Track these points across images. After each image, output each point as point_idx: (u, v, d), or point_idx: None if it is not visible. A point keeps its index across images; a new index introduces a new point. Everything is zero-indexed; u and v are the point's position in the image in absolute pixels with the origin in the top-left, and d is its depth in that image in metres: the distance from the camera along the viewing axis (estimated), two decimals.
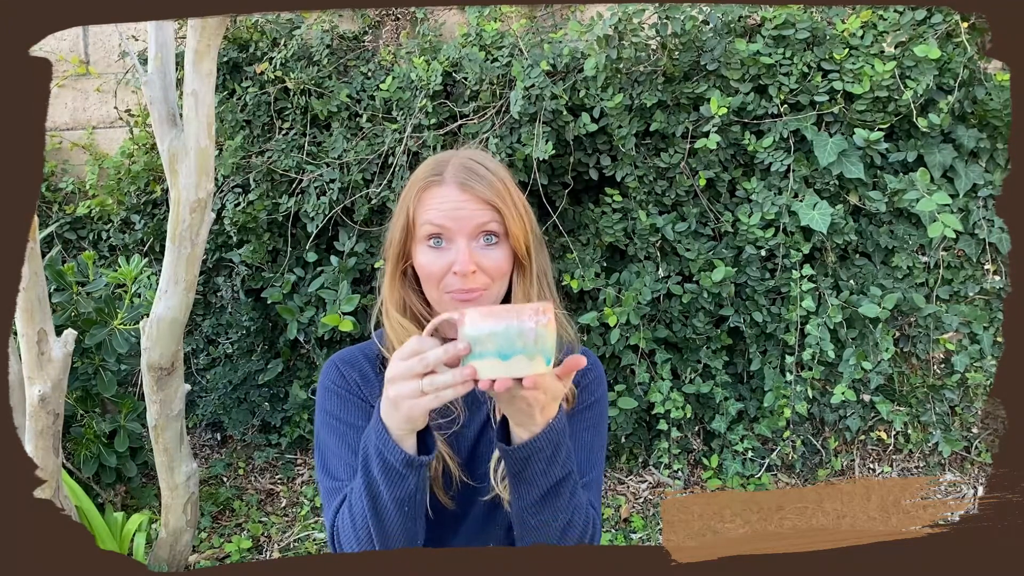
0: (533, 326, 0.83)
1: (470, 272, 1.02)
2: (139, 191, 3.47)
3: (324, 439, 1.11)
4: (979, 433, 2.99)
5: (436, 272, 1.04)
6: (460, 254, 1.02)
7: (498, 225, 1.06)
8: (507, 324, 0.82)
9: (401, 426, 0.90)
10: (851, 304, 2.73)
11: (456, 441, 1.11)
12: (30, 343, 1.89)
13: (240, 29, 3.22)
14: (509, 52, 2.82)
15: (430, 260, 1.05)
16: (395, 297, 1.11)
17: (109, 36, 3.63)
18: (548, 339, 0.84)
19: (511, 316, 0.83)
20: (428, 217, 1.05)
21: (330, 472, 1.08)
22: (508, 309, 0.86)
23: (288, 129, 3.16)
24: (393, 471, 0.92)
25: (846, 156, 2.65)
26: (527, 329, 0.82)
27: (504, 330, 0.82)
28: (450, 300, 1.05)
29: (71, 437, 2.71)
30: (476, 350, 0.83)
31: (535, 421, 0.91)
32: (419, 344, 0.87)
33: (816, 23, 2.69)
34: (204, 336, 3.43)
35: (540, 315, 0.84)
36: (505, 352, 0.82)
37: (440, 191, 1.05)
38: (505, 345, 0.82)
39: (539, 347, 0.83)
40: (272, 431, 3.34)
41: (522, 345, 0.82)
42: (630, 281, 2.83)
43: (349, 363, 1.14)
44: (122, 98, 3.61)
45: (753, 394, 2.98)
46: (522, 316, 0.83)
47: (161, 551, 2.47)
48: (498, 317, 0.83)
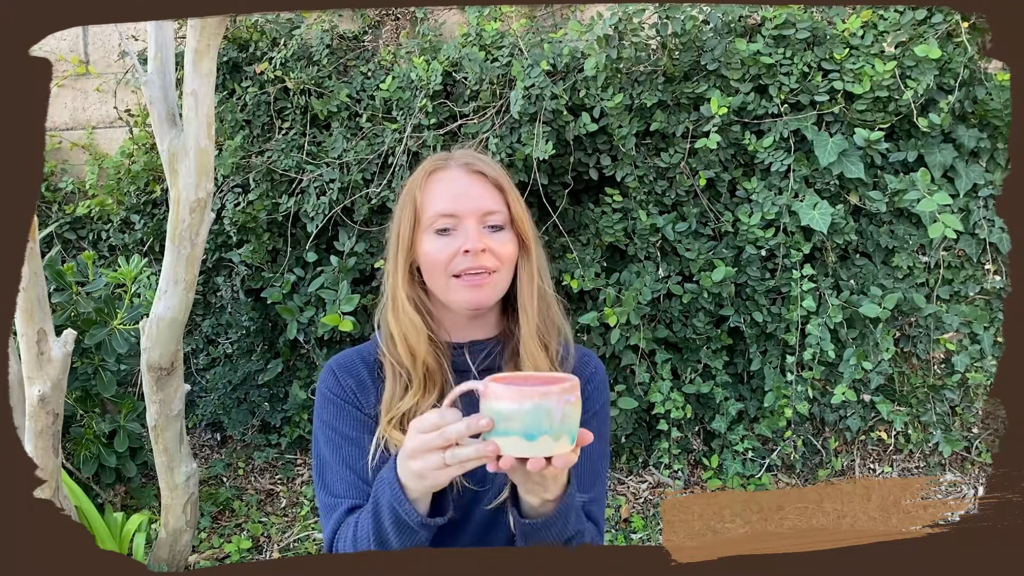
0: (561, 406, 0.81)
1: (480, 250, 1.04)
2: (139, 191, 3.46)
3: (321, 450, 1.12)
4: (979, 433, 2.99)
5: (444, 258, 1.05)
6: (469, 236, 1.04)
7: (503, 212, 1.08)
8: (534, 404, 0.80)
9: (421, 491, 0.92)
10: (851, 304, 2.72)
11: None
12: (30, 343, 1.89)
13: (240, 29, 3.22)
14: (509, 52, 2.82)
15: (438, 247, 1.06)
16: (406, 292, 1.11)
17: (109, 36, 3.63)
18: (574, 418, 0.83)
19: (537, 394, 0.81)
20: (436, 206, 1.06)
21: (327, 487, 1.09)
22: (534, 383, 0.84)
23: (288, 129, 3.15)
24: (406, 528, 0.94)
25: (846, 156, 2.65)
26: (554, 410, 0.80)
27: (532, 410, 0.80)
28: (458, 284, 1.06)
29: (71, 437, 2.70)
30: (500, 427, 0.81)
31: (548, 491, 0.92)
32: (440, 418, 0.86)
33: (816, 23, 2.69)
34: (204, 336, 3.43)
35: (568, 394, 0.82)
36: (531, 432, 0.80)
37: (446, 174, 1.08)
38: (532, 425, 0.80)
39: (565, 427, 0.81)
40: (272, 431, 3.34)
41: (548, 426, 0.80)
42: (630, 281, 2.83)
43: (346, 369, 1.14)
44: (122, 98, 3.61)
45: (753, 394, 2.98)
46: (549, 396, 0.80)
47: (161, 551, 2.46)
48: (524, 396, 0.81)
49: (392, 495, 0.93)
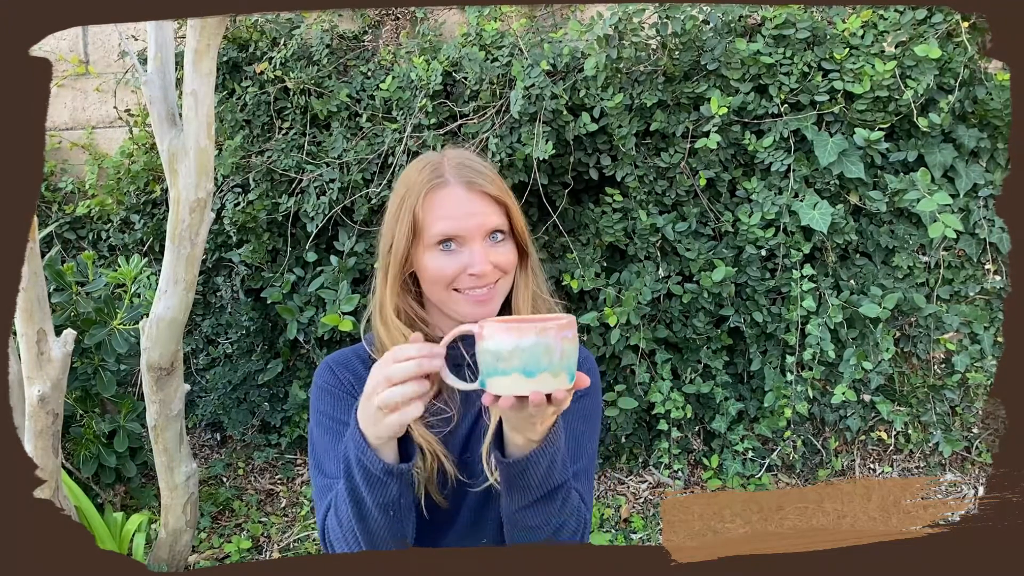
0: (560, 343, 0.81)
1: (488, 273, 1.04)
2: (139, 191, 3.46)
3: (317, 438, 1.11)
4: (980, 433, 2.99)
5: (448, 275, 1.05)
6: (476, 256, 1.03)
7: (506, 222, 1.08)
8: (534, 340, 0.79)
9: (380, 436, 0.89)
10: (851, 304, 2.72)
11: (449, 439, 1.11)
12: (29, 343, 1.89)
13: (240, 29, 3.22)
14: (509, 52, 2.82)
15: (441, 264, 1.05)
16: (395, 303, 1.11)
17: (109, 36, 3.63)
18: (573, 355, 0.83)
19: (536, 330, 0.80)
20: (440, 227, 1.04)
21: (323, 470, 1.08)
22: (531, 322, 0.84)
23: (288, 129, 3.15)
24: (374, 479, 0.91)
25: (846, 156, 2.65)
26: (554, 345, 0.80)
27: (532, 346, 0.79)
28: (464, 300, 1.06)
29: (70, 437, 2.70)
30: (500, 366, 0.81)
31: (536, 431, 0.91)
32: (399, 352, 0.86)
33: (816, 23, 2.69)
34: (204, 336, 3.42)
35: (566, 330, 0.81)
36: (531, 369, 0.80)
37: (448, 192, 1.06)
38: (531, 362, 0.80)
39: (564, 363, 0.81)
40: (272, 431, 3.34)
41: (548, 362, 0.80)
42: (630, 281, 2.83)
43: (342, 364, 1.15)
44: (122, 98, 3.61)
45: (753, 394, 2.98)
46: (547, 332, 0.80)
47: (161, 551, 2.46)
48: (523, 332, 0.80)
49: (356, 447, 0.91)
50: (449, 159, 1.10)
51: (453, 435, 1.11)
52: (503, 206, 1.07)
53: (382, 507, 0.93)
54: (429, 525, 1.08)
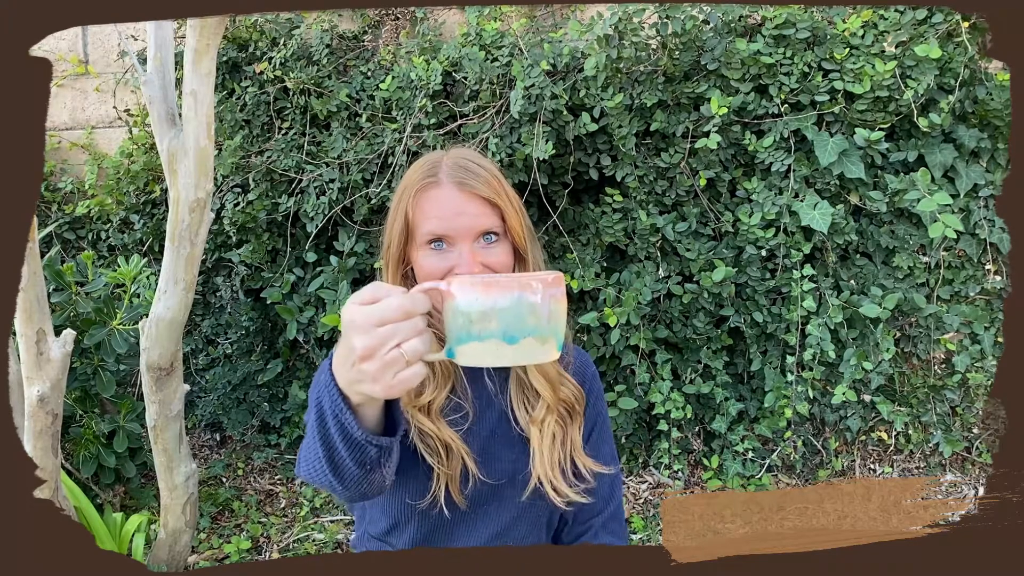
0: (547, 301, 0.67)
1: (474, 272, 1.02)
2: (138, 191, 3.46)
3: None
4: (980, 433, 2.99)
5: (437, 275, 1.03)
6: (464, 257, 1.01)
7: (499, 224, 1.06)
8: (516, 298, 0.65)
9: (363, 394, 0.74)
10: (852, 304, 2.72)
11: (468, 438, 1.09)
12: (29, 343, 1.89)
13: (239, 28, 3.22)
14: (509, 52, 2.81)
15: (432, 263, 1.04)
16: None
17: (108, 35, 3.62)
18: (561, 317, 0.69)
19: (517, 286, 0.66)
20: (429, 226, 1.03)
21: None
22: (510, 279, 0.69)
23: (287, 129, 3.15)
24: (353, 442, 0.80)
25: (847, 156, 2.65)
26: (539, 304, 0.66)
27: (513, 305, 0.65)
28: None
29: (70, 437, 2.70)
30: (474, 330, 0.66)
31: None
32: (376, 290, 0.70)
33: (816, 23, 2.69)
34: (203, 336, 3.42)
35: (552, 286, 0.68)
36: (512, 334, 0.66)
37: (438, 192, 1.04)
38: (513, 324, 0.65)
39: (552, 326, 0.67)
40: (271, 431, 3.34)
41: (534, 324, 0.66)
42: (630, 281, 2.83)
43: None
44: (121, 98, 3.61)
45: (753, 394, 2.98)
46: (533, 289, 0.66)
47: (160, 552, 2.46)
48: (503, 288, 0.66)
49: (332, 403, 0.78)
50: (449, 158, 1.08)
51: (471, 434, 1.10)
52: (497, 208, 1.05)
53: (359, 463, 0.82)
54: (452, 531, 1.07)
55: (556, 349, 0.68)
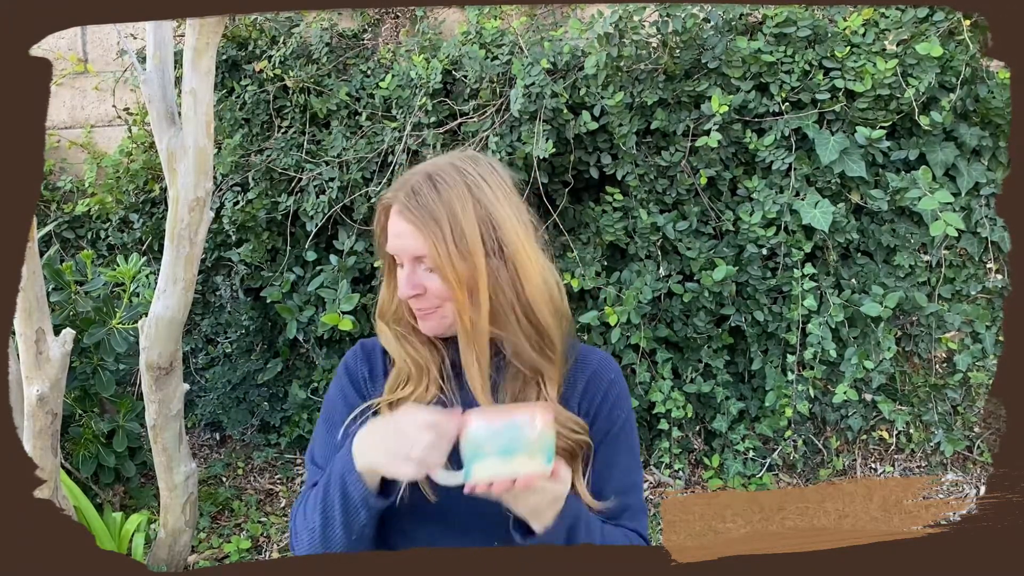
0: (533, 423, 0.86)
1: (409, 297, 1.05)
2: (138, 190, 3.46)
3: (319, 422, 1.15)
4: (981, 433, 2.99)
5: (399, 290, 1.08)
6: (402, 278, 1.05)
7: (430, 257, 1.00)
8: (508, 422, 0.86)
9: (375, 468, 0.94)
10: (853, 303, 2.72)
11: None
12: (28, 343, 1.89)
13: (239, 27, 3.22)
14: (509, 50, 2.81)
15: (397, 280, 1.08)
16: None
17: (107, 34, 3.62)
18: (549, 438, 0.88)
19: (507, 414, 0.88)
20: (386, 244, 1.07)
21: (314, 458, 1.13)
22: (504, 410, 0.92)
23: (287, 127, 3.15)
24: (351, 503, 0.96)
25: (848, 154, 2.64)
26: (526, 427, 0.86)
27: (505, 429, 0.86)
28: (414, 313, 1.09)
29: (69, 437, 2.70)
30: (479, 452, 0.87)
31: (545, 517, 0.95)
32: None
33: (818, 21, 2.68)
34: (203, 335, 3.42)
35: (536, 419, 0.87)
36: (507, 451, 0.85)
37: (392, 213, 1.06)
38: (507, 444, 0.85)
39: (540, 445, 0.86)
40: (271, 431, 3.34)
41: (524, 444, 0.86)
42: (631, 280, 2.83)
43: (367, 354, 1.17)
44: (120, 96, 3.60)
45: (754, 393, 2.97)
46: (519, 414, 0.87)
47: (160, 551, 2.46)
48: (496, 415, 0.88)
49: (343, 464, 0.96)
50: (419, 174, 1.05)
51: None
52: (429, 238, 0.99)
53: (346, 527, 0.98)
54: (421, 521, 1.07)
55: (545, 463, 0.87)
